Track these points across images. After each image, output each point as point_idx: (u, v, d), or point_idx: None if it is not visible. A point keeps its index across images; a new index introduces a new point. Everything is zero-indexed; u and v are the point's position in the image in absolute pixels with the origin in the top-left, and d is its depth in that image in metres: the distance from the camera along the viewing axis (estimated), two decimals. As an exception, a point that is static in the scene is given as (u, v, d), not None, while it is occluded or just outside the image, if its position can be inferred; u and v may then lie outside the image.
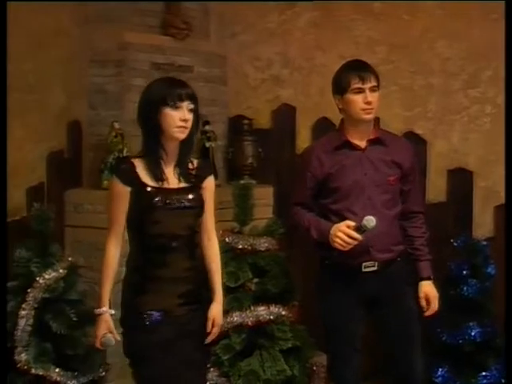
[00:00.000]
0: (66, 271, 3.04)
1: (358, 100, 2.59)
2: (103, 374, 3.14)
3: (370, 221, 2.44)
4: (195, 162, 2.34)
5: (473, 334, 3.21)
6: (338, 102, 2.67)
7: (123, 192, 2.21)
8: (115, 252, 2.27)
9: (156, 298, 2.21)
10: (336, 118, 3.84)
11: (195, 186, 2.31)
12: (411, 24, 3.76)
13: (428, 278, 2.75)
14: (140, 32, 3.64)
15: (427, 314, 2.75)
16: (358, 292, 2.64)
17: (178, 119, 2.19)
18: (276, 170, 3.98)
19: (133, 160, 2.25)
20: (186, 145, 2.27)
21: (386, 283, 2.64)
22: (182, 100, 2.20)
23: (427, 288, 2.74)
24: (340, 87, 2.64)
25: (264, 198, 3.76)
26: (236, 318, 3.11)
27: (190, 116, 2.21)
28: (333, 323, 2.69)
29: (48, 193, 3.52)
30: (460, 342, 3.22)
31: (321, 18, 3.92)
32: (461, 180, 3.72)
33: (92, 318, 3.12)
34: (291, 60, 3.99)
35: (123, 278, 2.30)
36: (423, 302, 2.74)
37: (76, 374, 3.01)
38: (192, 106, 2.22)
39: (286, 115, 4.00)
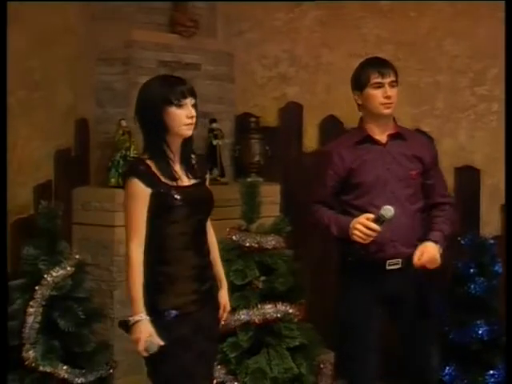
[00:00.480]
0: (73, 269, 3.05)
1: (377, 95, 2.62)
2: (110, 371, 3.15)
3: (388, 210, 2.44)
4: (194, 157, 2.34)
5: (480, 332, 3.20)
6: (357, 98, 2.69)
7: (145, 193, 2.18)
8: (140, 255, 2.19)
9: (172, 295, 2.22)
10: (343, 115, 3.88)
11: (201, 181, 2.32)
12: (419, 22, 3.76)
13: (435, 242, 2.61)
14: (147, 30, 3.64)
15: (416, 264, 2.58)
16: (380, 290, 2.63)
17: (184, 117, 2.19)
18: (283, 167, 3.98)
19: (146, 161, 2.23)
20: (188, 141, 2.28)
21: (409, 282, 2.63)
22: (185, 97, 2.20)
23: (428, 247, 2.58)
24: (360, 83, 2.66)
25: (271, 195, 3.76)
26: (243, 315, 3.11)
27: (194, 112, 2.22)
28: (352, 322, 2.68)
29: (55, 191, 3.52)
30: (467, 340, 3.21)
31: (328, 16, 3.92)
32: (468, 178, 3.72)
33: (99, 316, 3.18)
34: (298, 58, 3.99)
35: None
36: (417, 253, 2.57)
37: (83, 371, 3.02)
38: (194, 101, 2.23)
39: (292, 113, 4.00)
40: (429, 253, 2.58)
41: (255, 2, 3.95)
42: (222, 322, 2.43)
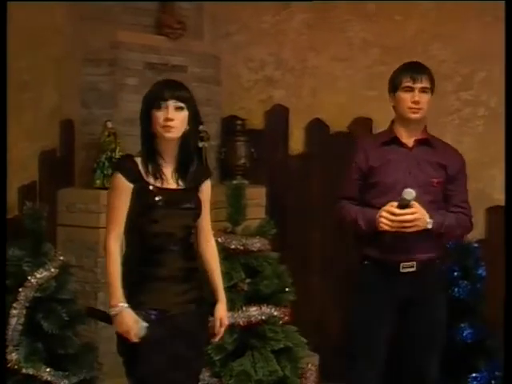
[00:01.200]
0: (57, 270, 3.03)
1: (406, 98, 2.66)
2: (94, 373, 3.13)
3: (409, 193, 2.49)
4: (193, 164, 2.34)
5: (464, 335, 3.22)
6: (391, 100, 2.74)
7: (127, 189, 2.21)
8: (117, 249, 2.23)
9: (152, 296, 2.22)
10: (329, 119, 3.90)
11: (193, 188, 2.32)
12: (405, 26, 3.78)
13: (430, 216, 2.61)
14: (134, 31, 3.64)
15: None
16: (394, 294, 2.66)
17: (162, 119, 2.20)
18: (269, 170, 3.98)
19: (135, 158, 2.26)
20: (183, 146, 2.27)
21: (422, 285, 2.66)
22: (165, 99, 2.20)
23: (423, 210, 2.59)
24: (393, 85, 2.72)
25: (257, 198, 3.77)
26: (228, 318, 3.10)
27: (176, 115, 2.20)
28: (365, 324, 2.71)
29: (40, 192, 3.50)
30: (451, 343, 3.23)
31: (314, 20, 3.93)
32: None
33: (83, 317, 3.16)
34: (284, 61, 4.00)
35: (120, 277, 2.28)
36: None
37: (67, 373, 2.99)
38: (180, 105, 2.21)
39: (278, 116, 4.01)
40: (421, 210, 2.57)
41: (242, 3, 3.95)
42: (217, 338, 2.40)
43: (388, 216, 2.55)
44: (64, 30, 3.60)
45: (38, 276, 2.95)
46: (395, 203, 2.55)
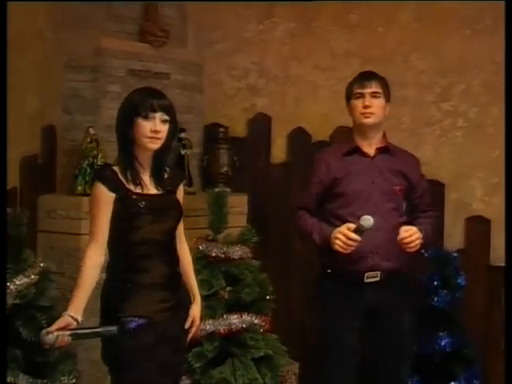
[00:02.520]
0: (37, 277, 3.00)
1: (358, 105, 2.69)
2: (73, 381, 3.10)
3: (367, 220, 2.46)
4: (168, 170, 2.35)
5: (443, 344, 3.24)
6: (348, 110, 2.77)
7: (108, 198, 2.20)
8: (97, 261, 2.20)
9: (136, 304, 2.21)
10: (311, 128, 3.92)
11: (171, 192, 2.33)
12: (386, 37, 3.82)
13: (419, 229, 2.62)
14: (117, 38, 3.63)
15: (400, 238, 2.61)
16: (359, 303, 2.66)
17: (148, 130, 2.19)
18: (251, 178, 3.99)
19: (113, 167, 2.26)
20: (159, 156, 2.28)
21: (387, 296, 2.66)
22: (154, 111, 2.19)
23: (412, 229, 2.61)
24: (347, 94, 2.76)
25: (238, 206, 3.77)
26: (208, 325, 3.11)
27: (162, 127, 2.21)
28: (331, 334, 2.70)
29: (21, 197, 3.48)
30: (430, 351, 3.25)
31: (297, 29, 3.96)
32: (433, 192, 3.74)
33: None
34: (267, 70, 4.02)
35: (103, 283, 2.28)
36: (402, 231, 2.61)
37: (45, 381, 2.97)
38: (166, 118, 2.22)
39: (261, 124, 4.02)
40: (413, 231, 2.58)
41: (226, 11, 3.97)
42: (189, 336, 2.42)
43: (343, 239, 2.53)
44: (46, 36, 3.58)
45: (18, 283, 2.93)
46: (352, 226, 2.52)
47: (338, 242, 2.54)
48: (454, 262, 3.40)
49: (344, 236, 2.53)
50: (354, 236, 2.51)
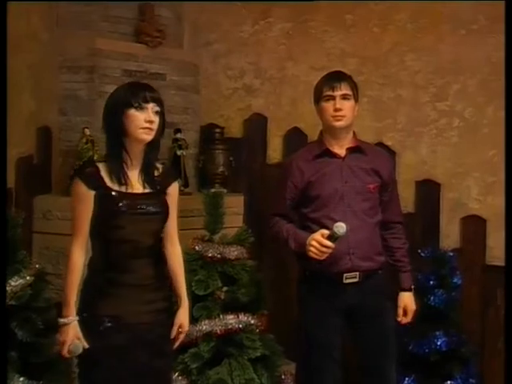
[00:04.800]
0: (33, 278, 3.00)
1: (328, 107, 2.65)
2: (68, 382, 3.10)
3: (340, 227, 2.44)
4: (160, 167, 2.34)
5: (439, 343, 3.24)
6: (316, 111, 2.73)
7: (87, 196, 2.18)
8: (80, 258, 2.21)
9: (116, 303, 2.19)
10: (307, 128, 3.92)
11: (160, 191, 2.29)
12: (382, 37, 3.82)
13: (409, 289, 2.80)
14: (113, 39, 3.63)
15: (401, 322, 2.80)
16: (338, 304, 2.65)
17: (142, 120, 2.18)
18: (247, 178, 3.99)
19: (97, 164, 2.24)
20: (151, 149, 2.26)
21: (367, 296, 2.65)
22: (146, 101, 2.19)
23: (407, 299, 2.79)
24: (315, 96, 2.71)
25: (234, 206, 3.77)
26: (205, 326, 3.11)
27: (155, 118, 2.20)
28: (312, 335, 2.69)
29: (16, 198, 3.48)
30: (426, 351, 3.25)
31: (293, 29, 3.96)
32: (429, 191, 3.78)
33: (58, 326, 3.12)
34: (263, 70, 4.02)
35: (84, 279, 2.26)
36: (400, 311, 2.78)
37: (41, 382, 2.96)
38: (157, 109, 2.22)
39: (257, 124, 4.02)
40: (410, 305, 2.77)
41: (222, 12, 3.97)
42: (177, 344, 2.37)
43: (317, 246, 2.51)
44: (41, 37, 3.59)
45: (13, 284, 2.92)
46: (326, 233, 2.50)
47: (312, 249, 2.52)
48: (450, 262, 3.40)
49: (318, 243, 2.51)
50: (327, 243, 2.49)
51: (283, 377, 3.34)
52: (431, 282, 3.34)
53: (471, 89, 3.69)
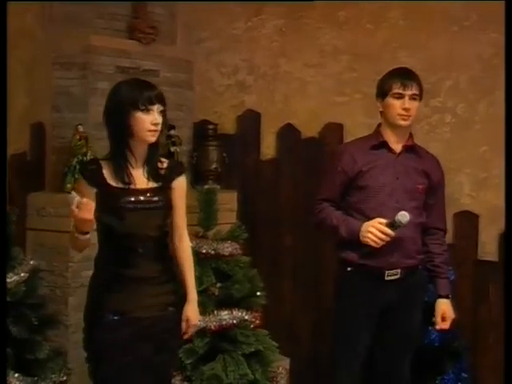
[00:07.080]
0: (27, 275, 3.01)
1: (396, 105, 2.66)
2: (64, 378, 3.10)
3: (404, 216, 2.45)
4: (165, 162, 2.34)
5: (432, 338, 3.26)
6: (379, 105, 2.73)
7: (88, 193, 2.20)
8: None
9: (122, 297, 2.21)
10: (300, 124, 3.93)
11: (164, 186, 2.30)
12: (374, 34, 3.83)
13: (446, 297, 2.81)
14: (106, 35, 3.63)
15: (438, 328, 2.83)
16: (378, 300, 2.66)
17: (149, 123, 2.19)
18: (240, 175, 4.00)
19: (101, 162, 2.26)
20: (154, 146, 2.27)
21: (406, 292, 2.68)
22: (152, 103, 2.20)
23: (445, 306, 2.81)
24: (382, 90, 2.71)
25: (228, 202, 3.78)
26: (199, 322, 3.11)
27: (160, 119, 2.22)
28: (347, 331, 2.71)
29: (10, 195, 3.47)
30: (419, 346, 3.27)
31: (286, 26, 3.97)
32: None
33: (53, 322, 3.13)
34: (256, 67, 4.03)
35: (91, 275, 2.29)
36: (439, 319, 2.80)
37: (36, 379, 2.97)
38: (162, 108, 2.23)
39: (250, 121, 4.03)
40: (448, 312, 2.78)
41: (215, 9, 3.98)
42: (186, 337, 2.41)
43: (377, 233, 2.52)
44: (34, 33, 3.58)
45: (8, 280, 2.92)
46: (384, 221, 2.52)
47: (370, 235, 2.52)
48: (443, 257, 3.41)
49: (378, 230, 2.52)
50: (387, 230, 2.51)
51: (277, 372, 3.36)
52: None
53: (463, 85, 3.70)
